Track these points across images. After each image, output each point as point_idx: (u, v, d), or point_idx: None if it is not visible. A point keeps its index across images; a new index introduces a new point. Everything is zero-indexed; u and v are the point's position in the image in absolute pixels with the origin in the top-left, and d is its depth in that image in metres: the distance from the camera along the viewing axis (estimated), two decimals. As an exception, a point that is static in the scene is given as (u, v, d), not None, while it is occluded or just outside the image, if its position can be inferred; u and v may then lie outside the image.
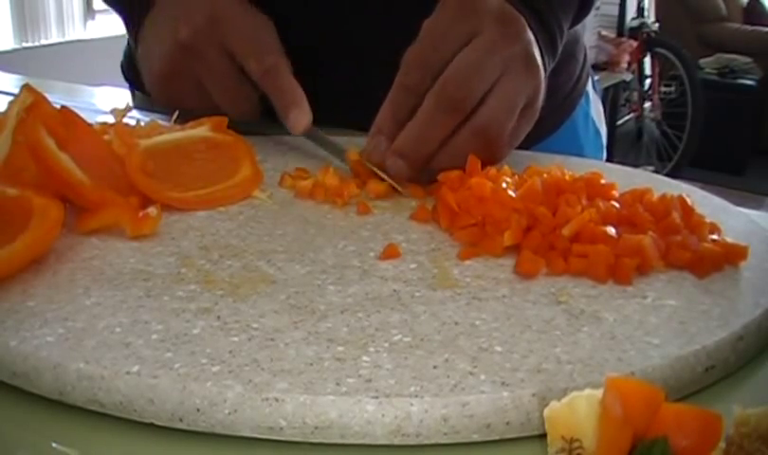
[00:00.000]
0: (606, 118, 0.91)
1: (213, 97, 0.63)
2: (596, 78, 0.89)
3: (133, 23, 0.67)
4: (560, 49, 0.63)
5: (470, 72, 0.52)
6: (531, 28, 0.57)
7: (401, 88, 0.55)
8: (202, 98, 0.63)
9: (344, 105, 0.60)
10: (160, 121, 0.58)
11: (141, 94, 0.84)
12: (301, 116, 0.59)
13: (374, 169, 0.55)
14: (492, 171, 0.51)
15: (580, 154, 0.71)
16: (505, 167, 0.52)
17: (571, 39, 0.81)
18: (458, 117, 0.53)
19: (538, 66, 0.55)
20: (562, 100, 0.81)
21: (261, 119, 0.64)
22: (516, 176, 0.50)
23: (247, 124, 0.62)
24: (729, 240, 0.46)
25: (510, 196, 0.46)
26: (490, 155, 0.53)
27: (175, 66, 0.63)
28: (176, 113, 0.59)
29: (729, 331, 0.38)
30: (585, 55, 0.85)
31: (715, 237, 0.46)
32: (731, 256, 0.45)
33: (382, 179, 0.54)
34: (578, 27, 0.83)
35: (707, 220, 0.47)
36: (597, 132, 0.86)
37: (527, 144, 0.67)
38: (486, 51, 0.53)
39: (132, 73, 0.87)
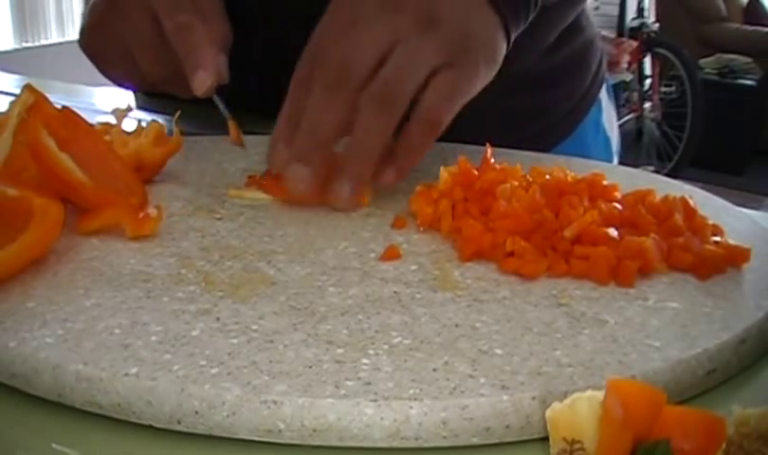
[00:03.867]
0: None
1: (134, 55, 0.62)
2: (611, 83, 0.87)
3: None
4: (536, 7, 0.58)
5: (350, 47, 0.50)
6: None
7: (293, 85, 0.52)
8: (124, 56, 0.63)
9: None
10: (161, 121, 0.58)
11: (142, 95, 0.85)
12: (204, 77, 0.58)
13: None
14: (504, 166, 0.50)
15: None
16: (518, 166, 0.51)
17: (584, 43, 0.79)
18: (343, 95, 0.49)
19: (439, 23, 0.51)
20: (570, 110, 0.79)
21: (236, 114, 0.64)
22: (524, 177, 0.50)
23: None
24: (732, 242, 0.46)
25: (515, 212, 0.45)
26: (392, 122, 0.50)
27: (102, 20, 0.63)
28: (178, 113, 0.59)
29: (731, 334, 0.38)
30: (601, 60, 0.82)
31: (717, 239, 0.46)
32: (734, 258, 0.45)
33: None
34: (591, 30, 0.81)
35: (710, 221, 0.47)
36: (607, 139, 0.84)
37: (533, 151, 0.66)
38: (366, 25, 0.50)
39: None
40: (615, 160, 0.86)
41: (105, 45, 0.64)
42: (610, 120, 0.85)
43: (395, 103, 0.49)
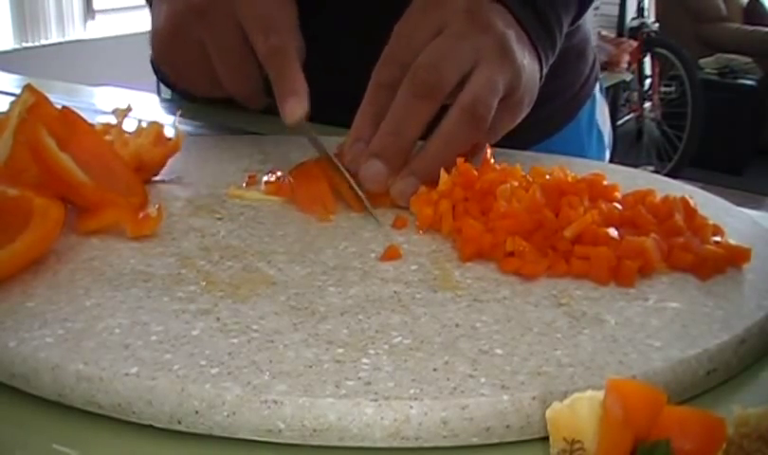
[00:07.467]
0: (606, 119, 0.93)
1: (215, 68, 0.61)
2: (602, 76, 0.91)
3: None
4: (560, 43, 0.62)
5: (441, 57, 0.52)
6: (521, 20, 0.56)
7: (376, 87, 0.54)
8: (203, 67, 0.61)
9: None
10: (161, 122, 0.58)
11: (168, 89, 0.84)
12: (296, 106, 0.55)
13: (351, 181, 0.52)
14: (504, 166, 0.50)
15: (581, 156, 0.71)
16: (518, 166, 0.51)
17: (582, 38, 0.81)
18: (433, 104, 0.51)
19: (513, 56, 0.54)
20: (569, 100, 0.81)
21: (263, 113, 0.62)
22: (525, 177, 0.50)
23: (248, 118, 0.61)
24: (732, 242, 0.46)
25: (515, 212, 0.45)
26: (477, 139, 0.53)
27: (182, 28, 0.60)
28: (178, 113, 0.59)
29: (731, 334, 0.38)
30: (595, 57, 0.85)
31: (718, 239, 0.46)
32: (734, 258, 0.45)
33: (355, 192, 0.52)
34: (588, 27, 0.84)
35: (710, 222, 0.47)
36: (600, 134, 0.86)
37: (529, 142, 0.66)
38: (456, 39, 0.53)
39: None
40: (608, 154, 0.89)
41: (184, 53, 0.62)
42: (603, 116, 0.88)
43: (484, 119, 0.52)
